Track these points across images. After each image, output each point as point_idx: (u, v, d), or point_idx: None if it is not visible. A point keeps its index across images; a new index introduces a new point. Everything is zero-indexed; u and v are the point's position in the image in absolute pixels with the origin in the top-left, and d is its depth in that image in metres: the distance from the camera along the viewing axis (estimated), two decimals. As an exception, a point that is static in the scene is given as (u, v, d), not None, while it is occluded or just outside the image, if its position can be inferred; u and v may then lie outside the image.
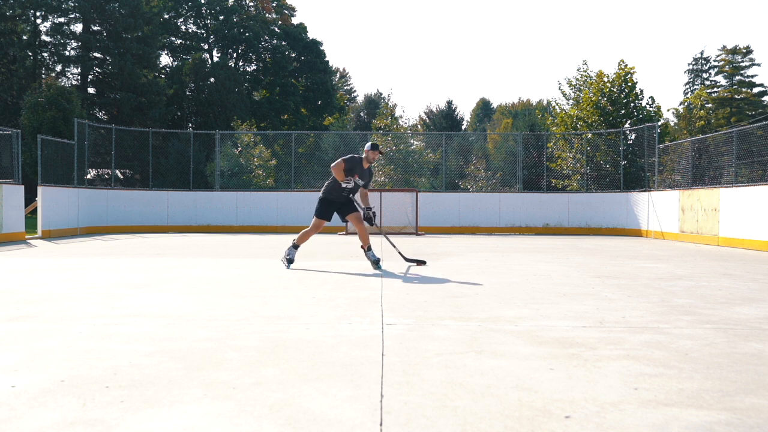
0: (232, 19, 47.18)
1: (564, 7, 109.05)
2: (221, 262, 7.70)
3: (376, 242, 10.46)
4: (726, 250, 10.88)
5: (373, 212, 6.89)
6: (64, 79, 37.69)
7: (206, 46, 47.76)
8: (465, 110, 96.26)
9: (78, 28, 38.00)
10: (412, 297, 4.82)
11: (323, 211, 6.89)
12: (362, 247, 6.83)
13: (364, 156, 6.87)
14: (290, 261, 6.88)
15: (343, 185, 6.77)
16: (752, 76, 47.01)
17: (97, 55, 38.02)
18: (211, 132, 19.94)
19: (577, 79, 22.38)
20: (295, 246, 6.99)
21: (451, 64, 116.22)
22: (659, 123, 18.66)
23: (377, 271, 6.51)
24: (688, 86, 49.66)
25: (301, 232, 7.04)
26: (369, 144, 6.88)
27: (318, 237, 14.61)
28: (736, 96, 45.57)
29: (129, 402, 2.24)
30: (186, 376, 2.57)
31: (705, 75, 49.21)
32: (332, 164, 6.77)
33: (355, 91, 65.88)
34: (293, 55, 49.64)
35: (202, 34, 47.99)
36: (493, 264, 7.71)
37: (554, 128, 21.75)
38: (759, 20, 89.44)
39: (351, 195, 6.94)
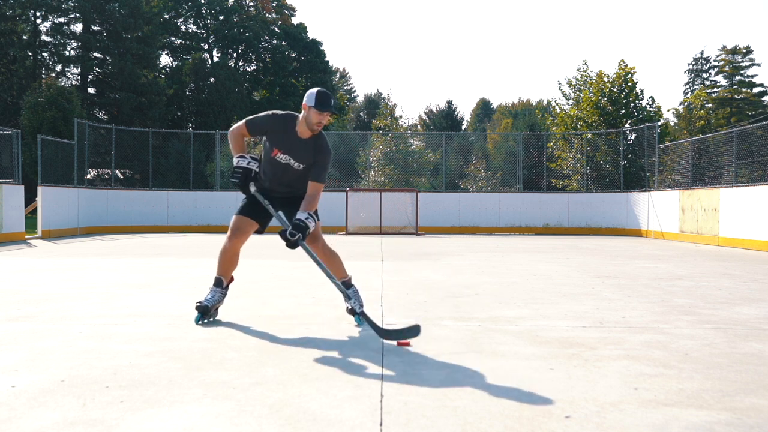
0: (232, 19, 47.17)
1: (564, 7, 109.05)
2: (221, 262, 7.70)
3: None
4: (726, 250, 10.88)
5: (302, 224, 3.50)
6: (64, 79, 37.68)
7: (206, 46, 47.75)
8: (465, 110, 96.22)
9: (78, 28, 37.98)
10: (412, 297, 4.82)
11: (245, 207, 3.83)
12: (340, 280, 3.75)
13: (302, 116, 3.62)
14: (204, 308, 3.74)
15: (236, 161, 3.74)
16: (752, 76, 46.99)
17: (97, 55, 38.00)
18: (211, 132, 19.93)
19: (577, 79, 22.39)
20: (218, 280, 3.84)
21: (451, 64, 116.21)
22: (659, 123, 18.67)
23: (356, 325, 3.73)
24: (688, 86, 49.64)
25: (219, 252, 3.85)
26: (313, 93, 3.55)
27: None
28: (736, 96, 45.55)
29: (129, 402, 2.24)
30: (186, 376, 2.57)
31: (705, 75, 49.19)
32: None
33: (355, 91, 65.87)
34: (293, 55, 49.63)
35: (202, 34, 47.98)
36: (493, 264, 7.71)
37: (554, 128, 21.76)
38: (759, 20, 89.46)
39: (286, 186, 3.79)
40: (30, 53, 36.84)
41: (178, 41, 47.39)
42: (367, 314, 3.48)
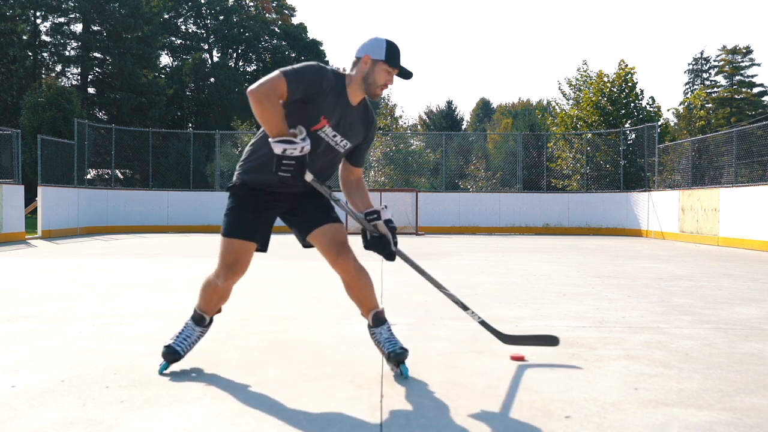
0: (232, 19, 47.18)
1: (564, 7, 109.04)
2: (221, 262, 7.70)
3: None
4: (726, 250, 10.88)
5: (389, 226, 2.60)
6: (64, 79, 37.68)
7: (206, 46, 47.76)
8: (465, 110, 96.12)
9: (78, 28, 37.99)
10: (412, 297, 4.81)
11: (242, 222, 2.61)
12: (366, 314, 2.71)
13: (356, 72, 2.55)
14: (172, 354, 2.64)
15: (281, 147, 2.35)
16: (752, 76, 46.93)
17: (97, 55, 38.01)
18: (211, 132, 19.94)
19: (577, 79, 22.41)
20: (199, 317, 2.75)
21: (451, 64, 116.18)
22: (659, 123, 18.68)
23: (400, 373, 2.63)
24: (688, 86, 49.63)
25: (203, 283, 2.74)
26: (381, 42, 2.55)
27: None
28: (736, 96, 45.53)
29: (129, 402, 2.24)
30: (186, 376, 2.57)
31: (705, 75, 49.16)
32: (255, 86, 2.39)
33: (355, 91, 65.82)
34: (293, 55, 49.63)
35: (202, 34, 47.99)
36: (493, 264, 7.71)
37: (554, 128, 21.78)
38: (759, 20, 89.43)
39: (312, 177, 2.52)
40: (30, 53, 36.85)
41: (178, 41, 47.39)
42: (486, 321, 2.95)
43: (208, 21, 47.76)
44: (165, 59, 47.19)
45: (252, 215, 2.60)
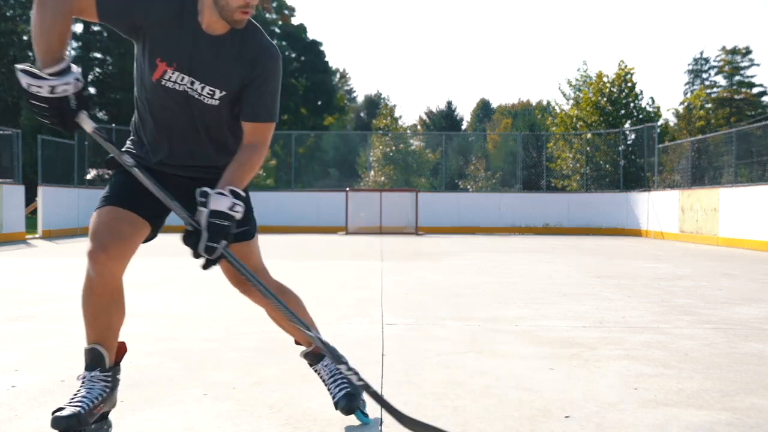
0: (232, 19, 47.19)
1: (564, 7, 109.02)
2: (221, 262, 7.70)
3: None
4: (726, 250, 10.88)
5: (223, 220, 1.76)
6: (64, 80, 37.69)
7: (206, 46, 47.77)
8: (465, 110, 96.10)
9: (78, 28, 38.00)
10: (412, 297, 4.81)
11: (115, 189, 2.04)
12: (303, 352, 2.25)
13: None
14: (71, 426, 1.72)
15: (20, 74, 1.88)
16: (752, 77, 46.88)
17: (98, 55, 38.05)
18: (211, 132, 19.94)
19: (577, 80, 22.44)
20: (92, 355, 1.96)
21: (451, 64, 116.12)
22: (659, 123, 18.71)
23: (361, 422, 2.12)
24: (687, 86, 49.64)
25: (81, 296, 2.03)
26: None
27: (315, 237, 14.64)
28: (736, 96, 45.53)
29: (129, 402, 2.24)
30: (186, 376, 2.57)
31: (705, 75, 49.17)
32: None
33: (355, 91, 65.88)
34: (293, 55, 49.66)
35: (202, 34, 48.01)
36: (493, 264, 7.72)
37: (554, 128, 21.80)
38: (759, 20, 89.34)
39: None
40: (30, 53, 36.84)
41: (178, 41, 47.40)
42: (372, 389, 1.94)
43: (208, 21, 47.75)
44: (165, 59, 47.18)
45: (132, 186, 1.94)
